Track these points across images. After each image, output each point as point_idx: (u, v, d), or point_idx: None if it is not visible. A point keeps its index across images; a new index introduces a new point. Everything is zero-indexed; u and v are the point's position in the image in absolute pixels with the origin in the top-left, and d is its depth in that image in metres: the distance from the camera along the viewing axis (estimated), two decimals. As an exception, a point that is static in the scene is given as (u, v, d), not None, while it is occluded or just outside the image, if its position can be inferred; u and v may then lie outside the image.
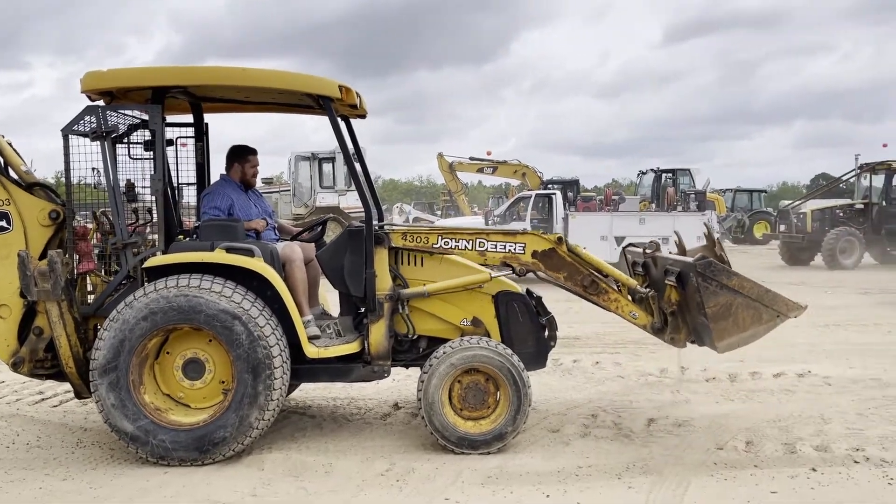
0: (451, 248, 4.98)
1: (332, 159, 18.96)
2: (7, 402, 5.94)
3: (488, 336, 5.00)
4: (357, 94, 5.01)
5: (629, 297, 5.03)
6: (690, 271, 4.61)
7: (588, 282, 4.97)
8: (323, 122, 4.79)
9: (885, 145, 27.84)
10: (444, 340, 4.97)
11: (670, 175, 22.65)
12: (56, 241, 4.75)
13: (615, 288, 5.02)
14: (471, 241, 4.98)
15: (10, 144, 4.92)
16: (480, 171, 26.08)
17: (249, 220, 5.13)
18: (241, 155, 5.33)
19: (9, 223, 4.68)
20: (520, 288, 5.19)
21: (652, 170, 24.23)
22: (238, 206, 5.18)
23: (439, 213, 32.43)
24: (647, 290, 5.06)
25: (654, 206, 21.63)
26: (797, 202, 20.94)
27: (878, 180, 18.91)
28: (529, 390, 4.73)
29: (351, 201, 18.72)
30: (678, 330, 4.95)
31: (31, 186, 4.83)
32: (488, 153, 25.91)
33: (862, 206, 18.90)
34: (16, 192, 4.71)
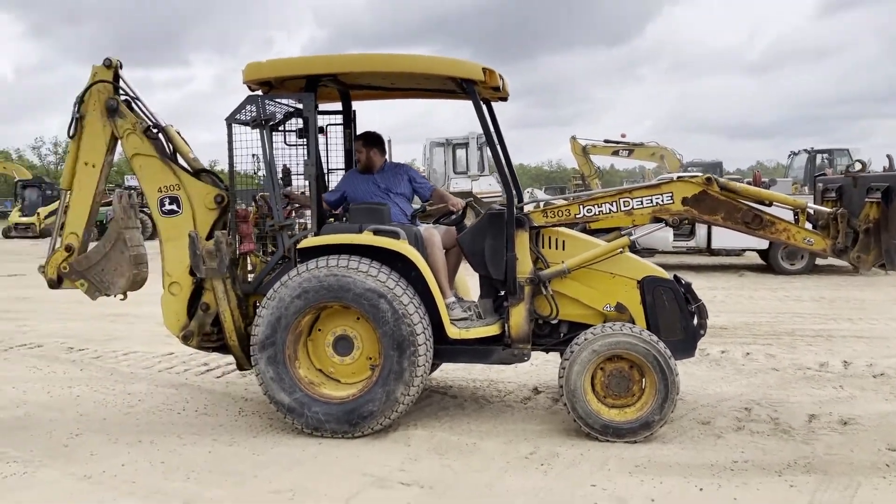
0: (594, 215, 4.86)
1: (465, 145, 19.11)
2: (177, 373, 6.46)
3: (633, 322, 4.85)
4: (500, 76, 4.99)
5: (798, 224, 4.67)
6: None
7: (750, 217, 4.67)
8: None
9: None
10: (586, 326, 4.88)
11: (827, 155, 20.97)
12: (220, 224, 5.08)
13: (782, 217, 4.68)
14: (614, 203, 4.84)
15: (178, 133, 5.29)
16: (615, 154, 25.44)
17: (364, 202, 5.26)
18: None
19: (179, 207, 5.05)
20: (667, 274, 5.00)
21: (805, 150, 22.56)
22: (349, 190, 5.41)
23: (571, 198, 31.86)
24: (836, 208, 4.68)
25: (806, 189, 20.16)
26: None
27: None
28: (677, 378, 4.55)
29: (483, 186, 18.80)
30: (867, 249, 4.49)
31: (199, 172, 5.18)
32: (623, 135, 25.23)
33: None
34: (185, 177, 5.07)
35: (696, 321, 4.95)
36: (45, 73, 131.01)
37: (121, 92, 5.05)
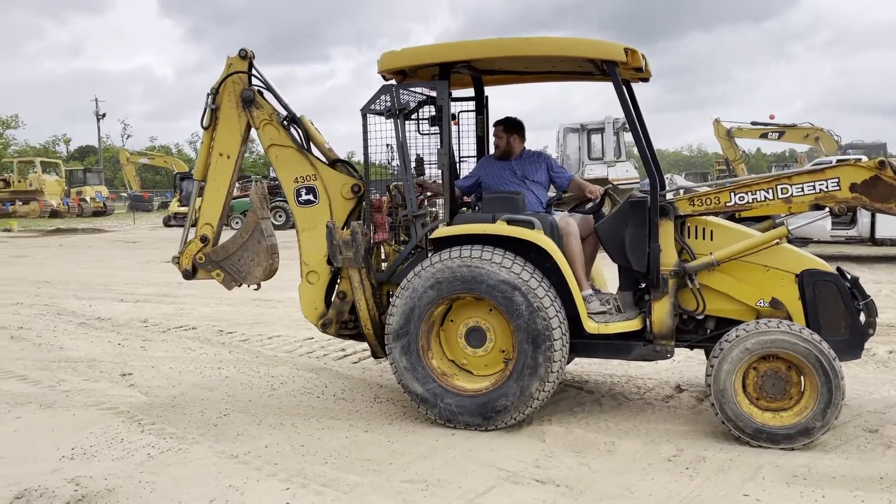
0: (747, 203, 4.49)
1: (600, 130, 18.57)
2: (316, 357, 6.68)
3: (789, 319, 4.46)
4: (643, 55, 4.71)
5: None
6: None
7: None
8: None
9: None
10: (735, 322, 4.54)
11: None
12: (355, 214, 5.15)
13: None
14: (770, 190, 4.45)
15: (311, 123, 5.40)
16: (763, 136, 24.01)
17: (498, 189, 5.16)
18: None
19: (315, 197, 5.15)
20: (830, 266, 4.55)
21: None
22: (485, 176, 5.31)
23: (715, 185, 30.35)
24: None
25: None
26: None
27: None
28: (843, 382, 4.13)
29: (620, 172, 18.20)
30: None
31: (334, 163, 5.28)
32: (771, 117, 23.74)
33: None
34: (321, 168, 5.17)
35: (863, 319, 4.48)
36: (201, 73, 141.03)
37: (254, 82, 5.17)
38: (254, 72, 5.17)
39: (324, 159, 5.28)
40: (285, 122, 5.18)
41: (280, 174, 5.22)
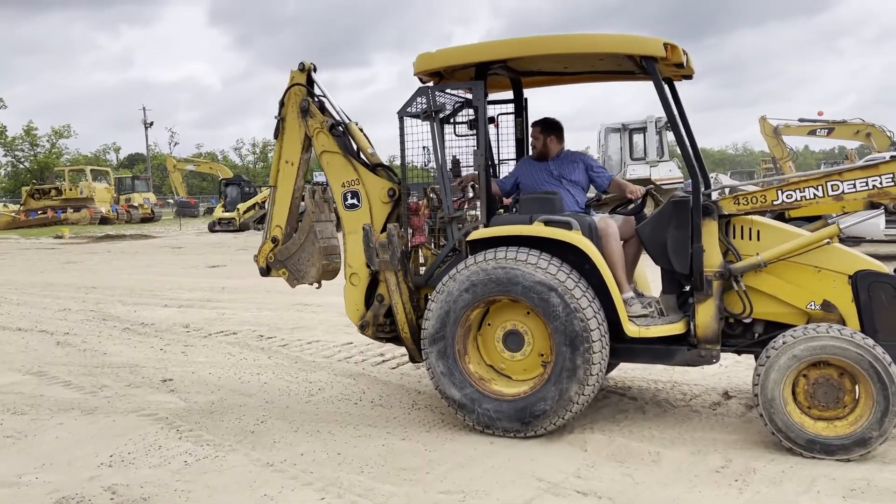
0: (796, 201, 4.30)
1: (643, 130, 18.24)
2: (355, 363, 6.65)
3: (842, 323, 4.25)
4: (683, 51, 4.56)
5: None
6: None
7: None
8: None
9: None
10: (785, 326, 4.35)
11: None
12: (394, 217, 5.11)
13: None
14: (820, 188, 4.26)
15: (360, 130, 5.40)
16: (812, 133, 23.44)
17: (535, 190, 5.09)
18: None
19: (359, 201, 5.15)
20: (886, 267, 4.33)
21: None
22: (522, 177, 5.27)
23: (762, 183, 29.70)
24: None
25: None
26: None
27: None
28: (901, 390, 3.91)
29: (663, 172, 17.84)
30: None
31: (375, 167, 5.25)
32: (819, 113, 23.16)
33: None
34: (364, 172, 5.16)
35: (924, 323, 4.24)
36: (247, 80, 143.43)
37: (314, 93, 5.26)
38: (314, 84, 5.28)
39: (367, 164, 5.27)
40: (335, 129, 5.22)
41: (330, 179, 5.30)
